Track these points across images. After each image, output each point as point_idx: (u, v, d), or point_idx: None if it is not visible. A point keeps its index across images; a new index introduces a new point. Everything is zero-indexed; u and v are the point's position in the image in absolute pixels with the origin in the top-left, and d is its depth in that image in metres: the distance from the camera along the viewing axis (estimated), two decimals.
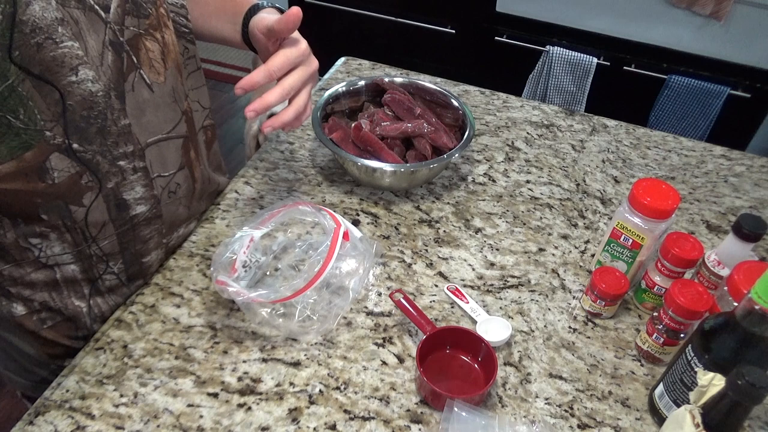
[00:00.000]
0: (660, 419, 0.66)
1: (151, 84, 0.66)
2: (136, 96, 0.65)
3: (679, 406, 0.61)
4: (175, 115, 0.71)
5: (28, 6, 0.52)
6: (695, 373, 0.56)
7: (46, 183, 0.60)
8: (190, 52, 0.76)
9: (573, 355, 0.74)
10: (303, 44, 0.69)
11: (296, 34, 0.70)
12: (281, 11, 0.74)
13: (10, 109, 0.54)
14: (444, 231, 0.89)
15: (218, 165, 0.92)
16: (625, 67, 1.88)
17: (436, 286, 0.81)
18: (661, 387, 0.66)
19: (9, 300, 0.69)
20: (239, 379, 0.69)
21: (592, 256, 0.87)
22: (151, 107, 0.67)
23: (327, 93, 1.00)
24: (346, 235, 0.76)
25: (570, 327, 0.77)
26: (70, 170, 0.61)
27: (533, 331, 0.76)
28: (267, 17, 0.70)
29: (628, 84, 1.91)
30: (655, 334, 0.71)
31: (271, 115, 0.72)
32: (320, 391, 0.68)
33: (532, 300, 0.80)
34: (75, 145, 0.60)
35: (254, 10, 0.75)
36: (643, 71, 1.86)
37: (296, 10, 0.64)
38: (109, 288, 0.74)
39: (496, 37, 1.98)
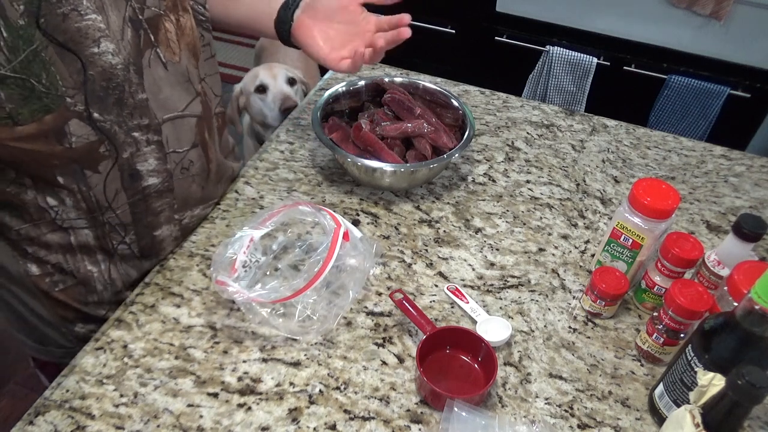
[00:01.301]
0: (660, 419, 0.66)
1: (166, 62, 0.69)
2: (153, 72, 0.67)
3: (679, 406, 0.61)
4: (187, 95, 0.74)
5: None
6: (695, 373, 0.56)
7: (64, 146, 0.62)
8: (206, 40, 0.78)
9: (573, 355, 0.74)
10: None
11: None
12: None
13: (34, 73, 0.56)
14: (444, 231, 0.89)
15: (230, 151, 0.94)
16: (625, 67, 1.88)
17: (436, 286, 0.81)
18: (661, 387, 0.66)
19: (25, 259, 0.71)
20: (239, 379, 0.69)
21: (592, 256, 0.87)
22: (167, 85, 0.70)
23: (327, 93, 1.00)
24: (346, 235, 0.76)
25: (570, 327, 0.77)
26: (90, 138, 0.63)
27: (533, 331, 0.76)
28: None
29: (628, 84, 1.91)
30: (655, 334, 0.71)
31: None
32: (320, 391, 0.68)
33: (532, 300, 0.80)
34: (95, 115, 0.63)
35: None
36: (643, 71, 1.85)
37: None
38: (122, 257, 0.76)
39: (496, 37, 1.98)
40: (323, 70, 1.38)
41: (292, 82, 1.62)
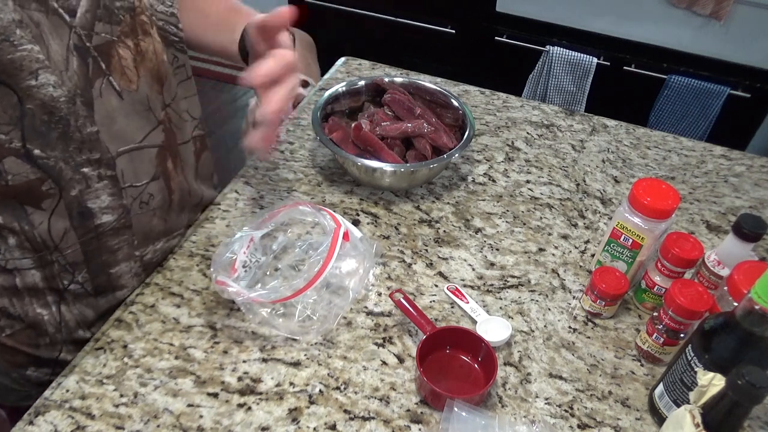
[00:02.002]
0: (660, 419, 0.66)
1: (121, 91, 0.64)
2: (105, 103, 0.63)
3: (679, 406, 0.61)
4: (147, 124, 0.69)
5: None
6: (695, 373, 0.56)
7: None
8: (180, 61, 0.74)
9: (573, 355, 0.74)
10: (291, 54, 0.66)
11: (287, 42, 0.66)
12: None
13: None
14: (444, 231, 0.89)
15: (208, 176, 0.90)
16: (625, 67, 1.88)
17: (436, 286, 0.81)
18: (661, 387, 0.66)
19: None
20: (239, 379, 0.69)
21: (592, 256, 0.87)
22: (122, 115, 0.65)
23: (327, 93, 1.00)
24: (346, 235, 0.76)
25: (570, 327, 0.77)
26: (29, 176, 0.59)
27: (533, 331, 0.76)
28: (260, 15, 0.68)
29: (628, 84, 1.91)
30: (655, 334, 0.71)
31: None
32: (320, 391, 0.68)
33: (532, 300, 0.80)
34: (36, 151, 0.59)
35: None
36: (643, 71, 1.86)
37: (290, 8, 0.63)
38: (75, 296, 0.72)
39: (496, 37, 1.98)
40: (323, 71, 1.38)
41: (304, 84, 1.66)
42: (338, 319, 0.75)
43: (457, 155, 0.94)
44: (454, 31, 2.06)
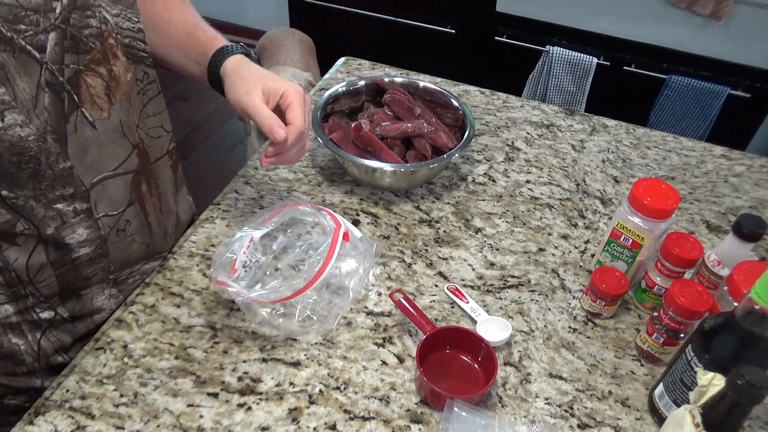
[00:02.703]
0: (660, 419, 0.66)
1: (94, 121, 0.63)
2: (79, 136, 0.61)
3: (679, 406, 0.61)
4: (122, 151, 0.68)
5: None
6: (695, 373, 0.56)
7: None
8: (150, 77, 0.73)
9: (573, 355, 0.74)
10: (300, 90, 0.73)
11: (289, 86, 0.73)
12: (248, 55, 0.74)
13: None
14: (444, 231, 0.89)
15: (183, 186, 0.88)
16: (625, 67, 1.89)
17: (436, 286, 0.81)
18: (661, 387, 0.66)
19: None
20: (239, 379, 0.69)
21: (592, 256, 0.87)
22: (95, 145, 0.64)
23: (327, 93, 1.00)
24: (346, 236, 0.76)
25: (570, 327, 0.77)
26: (1, 217, 0.58)
27: (533, 331, 0.76)
28: (250, 102, 0.70)
29: (628, 84, 1.91)
30: (655, 334, 0.71)
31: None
32: (320, 391, 0.68)
33: (532, 300, 0.80)
34: (4, 192, 0.57)
35: (223, 54, 0.74)
36: (643, 71, 1.86)
37: (281, 136, 0.69)
38: (51, 324, 0.70)
39: (496, 37, 1.99)
40: (323, 71, 1.38)
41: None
42: (338, 319, 0.75)
43: (457, 155, 0.94)
44: (454, 31, 2.06)
